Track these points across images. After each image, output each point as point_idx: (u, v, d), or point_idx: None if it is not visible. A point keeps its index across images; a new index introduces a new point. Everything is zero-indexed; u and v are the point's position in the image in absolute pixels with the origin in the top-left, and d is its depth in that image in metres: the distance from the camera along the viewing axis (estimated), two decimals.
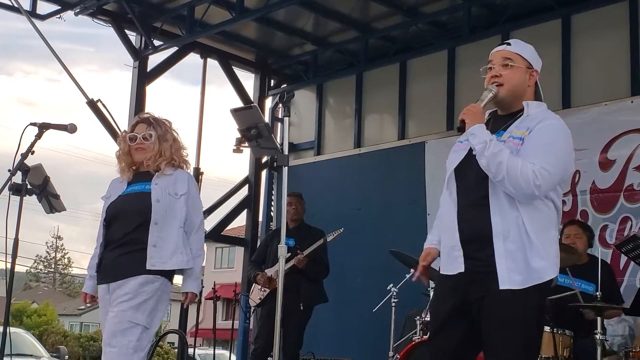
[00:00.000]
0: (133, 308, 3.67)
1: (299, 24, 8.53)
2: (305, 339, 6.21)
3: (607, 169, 6.53)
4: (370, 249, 7.83)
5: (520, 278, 2.83)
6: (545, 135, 2.89)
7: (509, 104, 3.03)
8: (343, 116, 9.28)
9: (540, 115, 2.98)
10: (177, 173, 3.92)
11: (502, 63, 3.00)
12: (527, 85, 3.02)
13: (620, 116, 6.55)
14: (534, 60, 3.07)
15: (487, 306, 2.85)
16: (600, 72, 7.05)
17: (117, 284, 3.75)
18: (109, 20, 8.24)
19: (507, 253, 2.83)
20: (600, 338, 4.45)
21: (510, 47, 3.06)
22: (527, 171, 2.79)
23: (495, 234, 2.85)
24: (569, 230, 5.31)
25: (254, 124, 3.34)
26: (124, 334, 3.66)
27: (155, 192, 3.82)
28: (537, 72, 3.06)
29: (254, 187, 9.26)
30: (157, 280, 3.75)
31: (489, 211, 2.87)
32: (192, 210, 3.91)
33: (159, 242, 3.76)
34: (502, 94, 2.98)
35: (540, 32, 7.39)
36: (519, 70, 3.00)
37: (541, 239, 2.86)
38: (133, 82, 8.30)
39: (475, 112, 2.92)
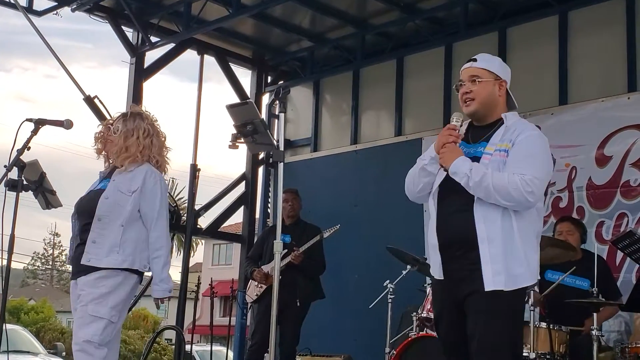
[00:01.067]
0: (94, 302, 3.68)
1: (296, 20, 8.53)
2: (302, 335, 6.20)
3: (603, 165, 6.53)
4: (366, 246, 7.84)
5: (504, 280, 3.03)
6: (530, 146, 3.09)
7: (483, 116, 3.21)
8: (340, 113, 9.28)
9: (520, 126, 3.16)
10: (138, 169, 3.83)
11: (470, 80, 3.19)
12: (497, 96, 3.19)
13: (617, 112, 6.56)
14: (501, 72, 3.23)
15: (474, 301, 3.06)
16: (597, 68, 7.06)
17: (80, 280, 3.77)
18: (105, 17, 8.24)
19: (492, 257, 3.03)
20: (596, 334, 4.47)
21: (476, 63, 3.23)
22: (515, 181, 2.99)
23: (480, 239, 3.04)
24: (561, 226, 5.33)
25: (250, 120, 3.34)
26: (87, 327, 3.67)
27: (108, 190, 3.80)
28: (505, 82, 3.22)
29: (250, 183, 9.26)
30: (119, 275, 3.74)
31: (473, 218, 3.06)
32: (146, 204, 3.80)
33: (99, 238, 3.74)
34: (473, 108, 3.18)
35: (537, 28, 7.42)
36: (486, 84, 3.17)
37: (524, 248, 3.07)
38: (130, 78, 8.29)
39: (450, 151, 3.08)
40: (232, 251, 33.08)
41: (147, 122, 3.92)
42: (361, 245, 7.95)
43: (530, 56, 7.49)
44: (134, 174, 3.83)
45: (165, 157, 3.98)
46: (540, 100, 7.24)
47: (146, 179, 3.82)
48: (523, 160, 3.04)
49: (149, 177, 3.83)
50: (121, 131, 3.84)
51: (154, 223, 3.81)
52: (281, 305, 5.30)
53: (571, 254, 4.79)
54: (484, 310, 3.03)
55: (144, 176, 3.82)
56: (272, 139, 3.39)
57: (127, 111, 3.99)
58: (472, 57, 3.29)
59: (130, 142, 3.83)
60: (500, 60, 3.31)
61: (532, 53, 7.49)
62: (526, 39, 7.55)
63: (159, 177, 3.88)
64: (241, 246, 9.25)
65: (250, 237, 9.15)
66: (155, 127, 3.96)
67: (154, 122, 3.98)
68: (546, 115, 7.05)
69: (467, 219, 3.07)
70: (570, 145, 6.74)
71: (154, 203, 3.82)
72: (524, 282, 3.07)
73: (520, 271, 3.05)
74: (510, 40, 7.66)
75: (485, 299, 3.02)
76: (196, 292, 7.89)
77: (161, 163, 3.95)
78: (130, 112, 3.95)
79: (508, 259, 3.03)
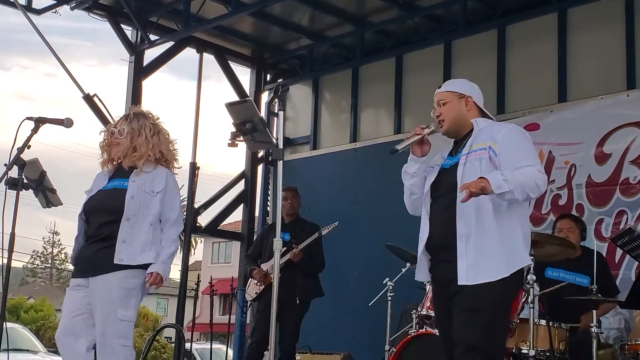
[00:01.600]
0: (122, 305, 3.70)
1: (295, 18, 8.53)
2: (302, 333, 6.21)
3: (603, 163, 6.53)
4: (366, 243, 7.84)
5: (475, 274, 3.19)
6: (519, 141, 3.33)
7: (456, 132, 3.48)
8: (339, 110, 9.28)
9: (495, 126, 3.42)
10: (157, 170, 3.90)
11: (439, 104, 3.50)
12: (465, 111, 3.46)
13: (616, 110, 6.56)
14: (465, 89, 3.51)
15: (456, 300, 3.25)
16: (597, 66, 7.06)
17: (97, 278, 3.75)
18: (104, 15, 8.23)
19: (468, 253, 3.21)
20: (595, 331, 4.47)
21: (441, 88, 3.55)
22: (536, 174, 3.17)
23: (459, 236, 3.24)
24: (562, 224, 5.33)
25: (249, 118, 3.35)
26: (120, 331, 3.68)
27: (131, 189, 3.83)
28: (471, 97, 3.47)
29: (250, 181, 9.26)
30: (141, 274, 3.78)
31: (454, 218, 3.25)
32: (167, 206, 3.89)
33: (129, 237, 3.76)
34: (445, 128, 3.46)
35: (537, 26, 7.42)
36: (451, 104, 3.46)
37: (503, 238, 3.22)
38: (129, 76, 8.29)
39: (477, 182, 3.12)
40: (231, 249, 33.11)
41: (151, 120, 3.97)
42: (360, 243, 7.95)
43: (529, 54, 7.50)
44: (154, 175, 3.89)
45: (173, 152, 4.03)
46: (539, 98, 7.26)
47: (168, 182, 3.90)
48: (525, 157, 3.24)
49: (170, 180, 3.92)
50: (127, 132, 3.87)
51: (172, 222, 3.91)
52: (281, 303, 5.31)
53: (570, 251, 4.78)
54: (464, 309, 3.20)
55: (165, 178, 3.90)
56: (271, 137, 3.40)
57: (129, 112, 4.02)
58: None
59: (140, 141, 3.87)
60: (465, 80, 3.59)
61: (532, 50, 7.50)
62: (525, 37, 7.56)
63: (175, 180, 3.99)
64: (241, 244, 9.25)
65: (249, 235, 9.15)
66: (158, 124, 4.00)
67: (157, 120, 4.02)
68: (545, 112, 7.06)
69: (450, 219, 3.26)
70: (570, 142, 6.75)
71: (176, 205, 3.94)
72: (501, 273, 3.19)
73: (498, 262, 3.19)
74: (509, 37, 7.66)
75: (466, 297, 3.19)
76: (196, 290, 7.89)
77: (171, 159, 4.01)
78: (133, 113, 3.99)
79: (484, 253, 3.19)
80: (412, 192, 3.54)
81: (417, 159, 3.48)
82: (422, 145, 3.47)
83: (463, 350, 3.17)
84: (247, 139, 3.32)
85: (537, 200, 6.85)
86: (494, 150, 3.26)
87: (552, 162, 6.82)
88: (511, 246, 3.24)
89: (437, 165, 3.51)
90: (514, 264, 3.24)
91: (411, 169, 3.50)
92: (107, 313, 3.68)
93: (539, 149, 6.91)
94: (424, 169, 3.50)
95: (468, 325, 3.18)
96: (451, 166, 3.40)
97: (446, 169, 3.43)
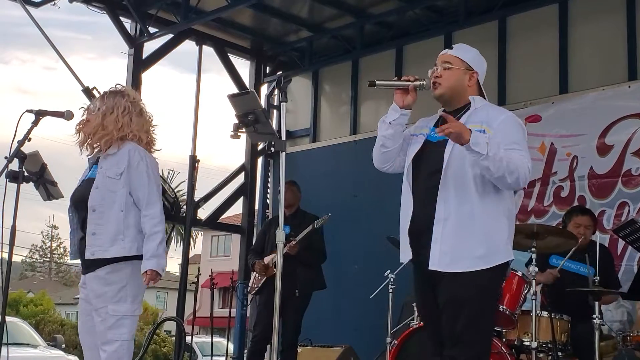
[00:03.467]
0: (112, 301, 3.58)
1: (294, 10, 8.50)
2: (303, 326, 6.20)
3: (605, 154, 6.52)
4: (367, 236, 7.83)
5: (449, 261, 3.04)
6: (514, 131, 3.16)
7: (448, 100, 3.27)
8: (339, 103, 9.26)
9: (491, 109, 3.25)
10: (121, 150, 3.64)
11: (442, 65, 3.27)
12: (466, 85, 3.26)
13: (617, 101, 6.55)
14: (474, 63, 3.30)
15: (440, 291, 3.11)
16: (598, 57, 7.04)
17: (87, 276, 3.67)
18: (103, 7, 8.19)
19: (443, 237, 3.06)
20: (597, 322, 4.47)
21: (452, 50, 3.33)
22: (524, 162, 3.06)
23: (436, 220, 3.08)
24: (581, 220, 5.17)
25: (251, 110, 3.32)
26: (115, 329, 3.59)
27: (97, 178, 3.64)
28: (477, 73, 3.28)
29: (250, 174, 9.24)
30: (128, 266, 3.62)
31: (436, 200, 3.09)
32: (135, 184, 3.62)
33: (98, 229, 3.59)
34: (439, 92, 3.25)
35: (537, 17, 7.40)
36: (456, 71, 3.25)
37: (484, 229, 3.06)
38: (128, 69, 8.24)
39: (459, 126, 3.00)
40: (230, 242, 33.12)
41: (127, 99, 3.73)
42: (361, 235, 7.94)
43: (530, 45, 7.48)
44: (118, 156, 3.65)
45: (152, 135, 3.80)
46: (540, 89, 7.25)
47: (130, 158, 3.63)
48: (518, 142, 3.11)
49: (133, 154, 3.64)
50: (99, 109, 3.68)
51: (146, 200, 3.62)
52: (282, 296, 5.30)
53: (572, 243, 4.76)
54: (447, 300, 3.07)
55: (127, 155, 3.64)
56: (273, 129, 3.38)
57: (107, 90, 3.81)
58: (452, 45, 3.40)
59: (109, 120, 3.65)
60: (477, 52, 3.36)
61: (532, 42, 7.48)
62: (526, 28, 7.53)
63: (143, 153, 3.69)
64: (241, 237, 9.24)
65: (249, 228, 9.14)
66: (137, 104, 3.76)
67: (137, 101, 3.78)
68: (547, 104, 7.05)
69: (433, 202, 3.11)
70: (571, 134, 6.74)
71: (142, 179, 3.64)
72: (479, 264, 3.04)
73: (479, 253, 3.04)
74: (510, 29, 7.64)
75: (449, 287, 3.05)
76: (196, 283, 7.88)
77: (147, 141, 3.76)
78: (110, 90, 3.77)
79: (462, 240, 3.04)
80: (383, 144, 3.27)
81: (397, 110, 3.22)
82: (406, 94, 3.22)
83: (450, 345, 3.05)
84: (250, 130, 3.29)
85: (539, 192, 6.85)
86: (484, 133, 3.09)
87: (554, 153, 6.81)
88: (494, 237, 3.08)
89: (421, 135, 3.29)
90: (495, 258, 3.08)
91: (389, 118, 3.24)
92: (100, 310, 3.60)
93: (540, 141, 6.92)
94: (402, 122, 3.24)
95: (452, 318, 3.05)
96: (438, 141, 3.18)
97: (432, 143, 3.22)
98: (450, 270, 3.04)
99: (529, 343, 4.50)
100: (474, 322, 3.04)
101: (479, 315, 3.07)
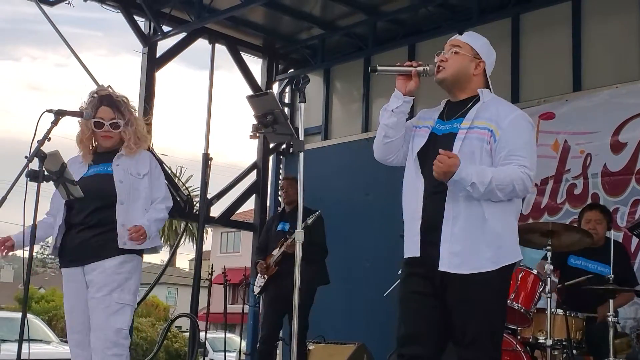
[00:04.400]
0: (118, 289, 3.74)
1: (307, 7, 8.52)
2: (316, 323, 6.22)
3: (618, 152, 6.52)
4: (378, 233, 7.85)
5: (459, 262, 2.94)
6: (522, 133, 3.04)
7: (450, 87, 3.17)
8: (351, 100, 9.28)
9: (501, 106, 3.11)
10: (140, 154, 3.93)
11: (450, 50, 3.16)
12: (472, 74, 3.14)
13: (631, 99, 6.54)
14: (484, 52, 3.19)
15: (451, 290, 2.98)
16: (611, 54, 7.04)
17: (92, 266, 3.77)
18: (117, 6, 8.24)
19: (453, 237, 2.95)
20: (612, 320, 4.49)
21: (462, 36, 3.23)
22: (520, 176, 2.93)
23: (445, 219, 2.98)
24: (590, 215, 5.25)
25: (270, 110, 3.35)
26: (117, 316, 3.72)
27: (118, 174, 3.84)
28: (484, 62, 3.17)
29: (262, 172, 9.28)
30: (134, 259, 3.82)
31: (445, 198, 2.99)
32: (155, 187, 3.93)
33: (127, 221, 3.78)
34: (442, 76, 3.13)
35: (551, 14, 7.41)
36: (463, 57, 3.14)
37: (493, 229, 2.97)
38: (142, 68, 8.29)
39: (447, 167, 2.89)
40: (240, 239, 33.22)
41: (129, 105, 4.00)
42: (373, 233, 7.96)
43: (543, 42, 7.49)
44: (137, 158, 3.90)
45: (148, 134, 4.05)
46: (554, 87, 7.26)
47: (152, 163, 3.93)
48: (522, 148, 2.99)
49: (153, 161, 3.95)
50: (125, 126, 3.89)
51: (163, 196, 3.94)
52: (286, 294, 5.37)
53: (588, 241, 4.78)
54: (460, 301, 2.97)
55: (149, 161, 3.93)
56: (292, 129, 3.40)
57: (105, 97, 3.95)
58: None
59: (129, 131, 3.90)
60: (487, 41, 3.26)
61: (546, 39, 7.49)
62: (539, 25, 7.53)
63: (158, 160, 4.05)
64: (253, 234, 9.29)
65: (262, 225, 9.16)
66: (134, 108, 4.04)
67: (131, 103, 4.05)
68: (560, 101, 7.05)
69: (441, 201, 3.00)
70: (585, 132, 6.74)
71: (162, 184, 3.97)
72: (492, 265, 2.95)
73: (489, 254, 2.95)
74: (523, 26, 7.64)
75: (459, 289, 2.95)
76: (210, 280, 7.93)
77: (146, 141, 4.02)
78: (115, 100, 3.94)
79: (472, 241, 2.94)
80: (386, 134, 3.17)
81: (400, 96, 3.12)
82: (409, 80, 3.12)
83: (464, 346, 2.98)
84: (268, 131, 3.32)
85: (552, 189, 6.87)
86: (495, 137, 2.99)
87: (567, 151, 6.82)
88: (504, 238, 3.01)
89: (425, 127, 3.17)
90: (504, 259, 3.00)
91: (392, 105, 3.13)
92: (104, 298, 3.72)
93: (554, 138, 6.92)
94: (405, 110, 3.14)
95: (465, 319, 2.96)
96: (444, 134, 3.08)
97: (438, 136, 3.10)
98: (461, 272, 2.94)
99: (544, 341, 4.51)
100: (488, 323, 2.99)
101: (492, 316, 3.02)
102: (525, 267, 4.73)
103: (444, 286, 2.99)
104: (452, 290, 2.98)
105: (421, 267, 3.04)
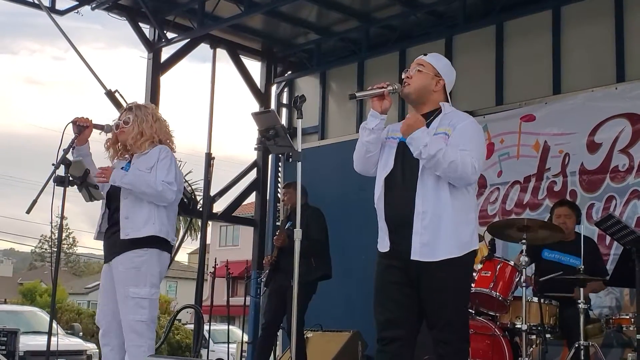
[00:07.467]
0: (132, 284, 4.08)
1: (303, 14, 8.85)
2: (313, 313, 6.50)
3: (594, 152, 6.88)
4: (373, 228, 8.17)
5: (429, 251, 3.33)
6: (470, 133, 3.44)
7: (415, 101, 3.55)
8: (346, 102, 9.53)
9: (457, 114, 3.52)
10: (152, 150, 4.24)
11: (415, 68, 3.56)
12: (432, 90, 3.53)
13: (606, 102, 6.90)
14: (443, 71, 3.58)
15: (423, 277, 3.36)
16: (588, 60, 7.39)
17: (113, 262, 4.18)
18: (123, 14, 8.57)
19: (423, 230, 3.34)
20: (583, 307, 4.87)
21: (425, 57, 3.61)
22: (465, 158, 3.31)
23: (416, 213, 3.36)
24: (560, 210, 5.67)
25: (272, 126, 3.82)
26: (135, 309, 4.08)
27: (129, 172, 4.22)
28: (444, 80, 3.55)
29: (262, 170, 9.64)
30: (153, 252, 4.14)
31: (415, 195, 3.38)
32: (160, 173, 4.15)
33: (131, 214, 4.14)
34: (406, 91, 3.52)
35: (533, 22, 7.75)
36: (425, 75, 3.53)
37: (457, 222, 3.37)
38: (147, 73, 8.63)
39: (414, 121, 3.39)
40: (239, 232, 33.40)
41: (151, 109, 4.39)
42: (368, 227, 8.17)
43: (525, 48, 7.83)
44: (149, 154, 4.23)
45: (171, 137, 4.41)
46: (535, 90, 7.59)
47: (160, 155, 4.22)
48: (468, 142, 3.37)
49: (162, 152, 4.23)
50: (133, 120, 4.27)
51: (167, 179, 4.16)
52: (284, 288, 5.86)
53: (559, 235, 5.15)
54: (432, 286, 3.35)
55: (158, 153, 4.22)
56: (291, 142, 3.86)
57: (130, 104, 4.44)
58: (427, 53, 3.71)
59: (145, 126, 4.26)
60: (448, 62, 3.66)
61: (528, 45, 7.82)
62: (522, 32, 7.87)
63: (170, 152, 4.29)
64: (254, 229, 9.68)
65: (262, 221, 9.58)
66: (156, 113, 4.42)
67: (155, 110, 4.44)
68: (541, 104, 7.41)
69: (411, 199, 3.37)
70: (563, 132, 7.10)
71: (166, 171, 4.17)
72: (457, 252, 3.34)
73: (454, 243, 3.34)
74: (506, 33, 7.99)
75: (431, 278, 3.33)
76: (213, 274, 8.28)
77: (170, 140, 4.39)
78: (134, 105, 4.40)
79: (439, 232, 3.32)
80: (368, 150, 3.51)
81: (377, 115, 3.47)
82: (383, 100, 3.47)
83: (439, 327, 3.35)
84: (270, 143, 3.78)
85: (534, 187, 7.26)
86: (448, 136, 3.39)
87: (547, 151, 7.18)
88: (464, 228, 3.38)
89: (394, 138, 3.53)
90: (466, 246, 3.38)
91: (371, 124, 3.48)
92: (122, 292, 4.11)
93: (535, 139, 7.32)
94: (381, 127, 3.50)
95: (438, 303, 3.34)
96: None
97: (406, 145, 3.44)
98: (431, 260, 3.32)
99: (520, 326, 4.86)
100: (457, 304, 3.40)
101: (461, 296, 3.45)
102: (503, 259, 5.17)
103: (418, 275, 3.37)
104: (426, 277, 3.35)
105: (396, 260, 3.44)
